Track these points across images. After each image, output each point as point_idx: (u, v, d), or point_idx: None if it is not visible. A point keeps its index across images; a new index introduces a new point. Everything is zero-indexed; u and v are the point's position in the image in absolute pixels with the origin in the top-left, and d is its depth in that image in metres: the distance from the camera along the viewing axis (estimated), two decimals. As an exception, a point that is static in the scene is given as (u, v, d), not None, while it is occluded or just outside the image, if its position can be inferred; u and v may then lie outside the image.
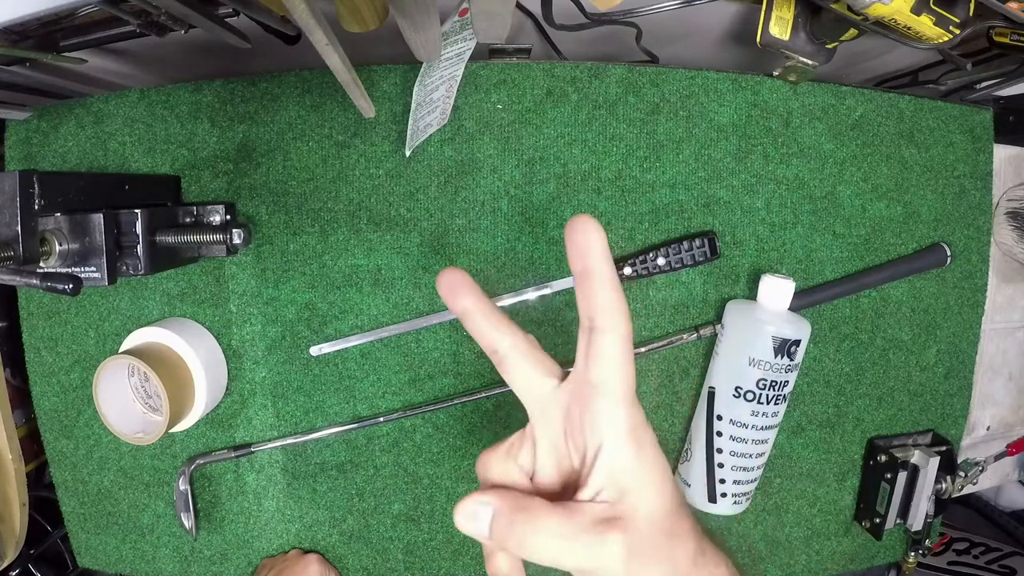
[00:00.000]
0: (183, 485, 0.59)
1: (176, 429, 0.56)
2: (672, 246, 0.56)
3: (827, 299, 0.59)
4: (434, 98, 0.50)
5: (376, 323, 0.58)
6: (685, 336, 0.57)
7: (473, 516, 0.26)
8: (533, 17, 0.59)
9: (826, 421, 0.62)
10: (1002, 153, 0.64)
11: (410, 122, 0.49)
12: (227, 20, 0.47)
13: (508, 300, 0.57)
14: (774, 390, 0.52)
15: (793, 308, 0.55)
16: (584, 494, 0.26)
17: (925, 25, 0.44)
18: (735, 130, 0.57)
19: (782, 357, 0.51)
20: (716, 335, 0.57)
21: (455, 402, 0.58)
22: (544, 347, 0.62)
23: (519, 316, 0.58)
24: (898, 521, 0.61)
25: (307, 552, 0.60)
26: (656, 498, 0.26)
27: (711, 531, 0.36)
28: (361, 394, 0.59)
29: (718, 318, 0.58)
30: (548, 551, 0.25)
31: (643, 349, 0.57)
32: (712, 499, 0.55)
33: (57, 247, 0.42)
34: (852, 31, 0.50)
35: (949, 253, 0.60)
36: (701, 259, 0.56)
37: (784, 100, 0.58)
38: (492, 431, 0.59)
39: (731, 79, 0.57)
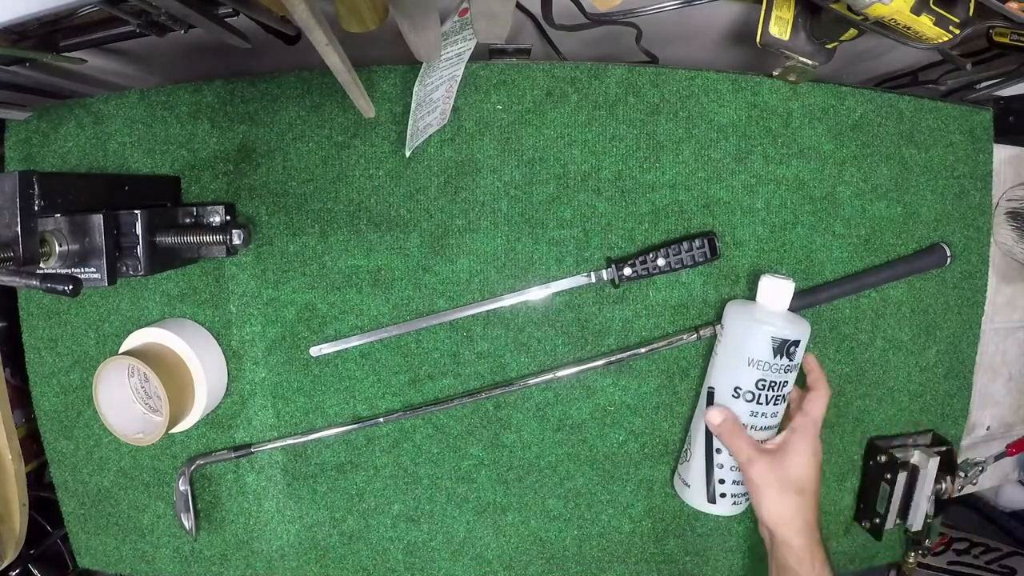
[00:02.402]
0: (183, 486, 0.59)
1: (176, 430, 0.56)
2: (672, 247, 0.56)
3: (827, 299, 0.59)
4: (434, 98, 0.50)
5: (376, 323, 0.58)
6: (685, 336, 0.57)
7: (717, 414, 0.52)
8: (533, 17, 0.59)
9: (826, 421, 0.62)
10: (1002, 153, 0.64)
11: (410, 122, 0.49)
12: (227, 20, 0.47)
13: (508, 300, 0.57)
14: (773, 390, 0.52)
15: (793, 308, 0.55)
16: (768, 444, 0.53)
17: (925, 25, 0.44)
18: (735, 130, 0.57)
19: (781, 357, 0.51)
20: (716, 335, 0.57)
21: (455, 403, 0.58)
22: (544, 347, 0.62)
23: (519, 317, 0.58)
24: (898, 521, 0.61)
25: None
26: (800, 470, 0.51)
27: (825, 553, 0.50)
28: (361, 394, 0.59)
29: (718, 318, 0.58)
30: (734, 448, 0.52)
31: (643, 350, 0.57)
32: (711, 499, 0.55)
33: (57, 248, 0.42)
34: (852, 31, 0.50)
35: (949, 253, 0.60)
36: (701, 259, 0.56)
37: (784, 100, 0.58)
38: (492, 431, 0.59)
39: (731, 79, 0.57)
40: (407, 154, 0.55)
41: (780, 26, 0.52)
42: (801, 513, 0.50)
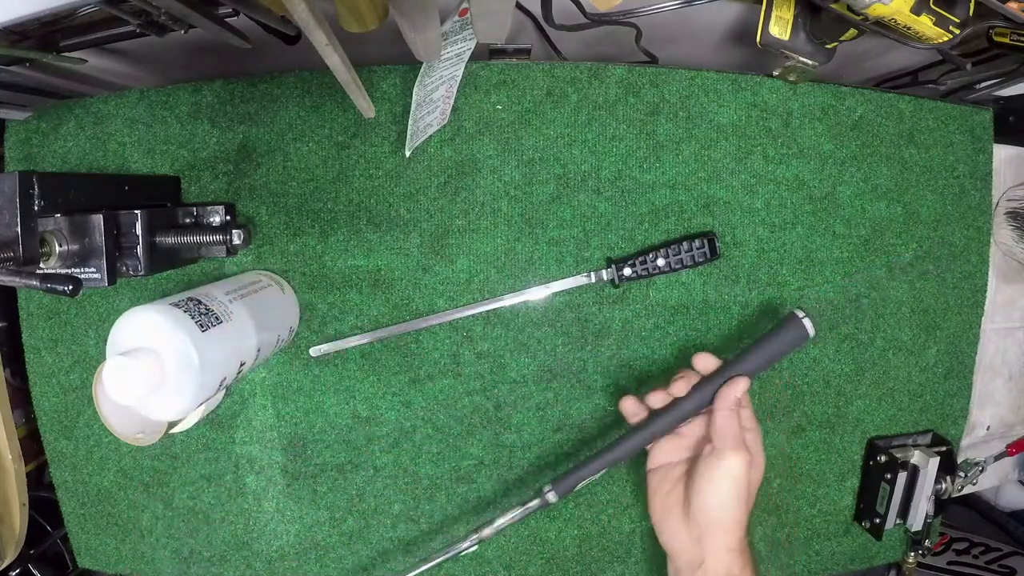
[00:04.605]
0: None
1: (176, 430, 0.56)
2: (672, 247, 0.56)
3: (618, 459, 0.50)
4: (434, 98, 0.50)
5: (376, 323, 0.58)
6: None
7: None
8: (533, 17, 0.59)
9: (826, 421, 0.62)
10: (1002, 153, 0.64)
11: (410, 122, 0.49)
12: (227, 20, 0.47)
13: (508, 300, 0.57)
14: None
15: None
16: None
17: (925, 25, 0.44)
18: (735, 130, 0.57)
19: None
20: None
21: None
22: (544, 347, 0.62)
23: (519, 317, 0.58)
24: (898, 521, 0.61)
25: None
26: (696, 497, 0.46)
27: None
28: (361, 395, 0.59)
29: (717, 319, 0.57)
30: None
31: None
32: None
33: (57, 248, 0.42)
34: (852, 31, 0.50)
35: (810, 328, 0.47)
36: (701, 260, 0.56)
37: (784, 100, 0.58)
38: (492, 431, 0.59)
39: (731, 79, 0.57)
40: (407, 154, 0.55)
41: (780, 26, 0.52)
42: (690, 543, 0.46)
